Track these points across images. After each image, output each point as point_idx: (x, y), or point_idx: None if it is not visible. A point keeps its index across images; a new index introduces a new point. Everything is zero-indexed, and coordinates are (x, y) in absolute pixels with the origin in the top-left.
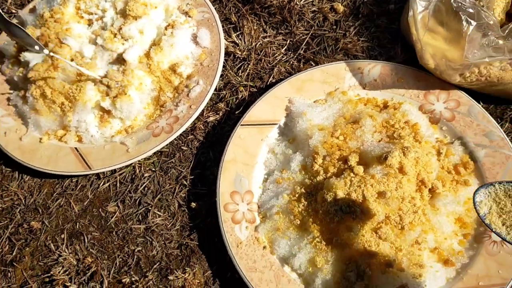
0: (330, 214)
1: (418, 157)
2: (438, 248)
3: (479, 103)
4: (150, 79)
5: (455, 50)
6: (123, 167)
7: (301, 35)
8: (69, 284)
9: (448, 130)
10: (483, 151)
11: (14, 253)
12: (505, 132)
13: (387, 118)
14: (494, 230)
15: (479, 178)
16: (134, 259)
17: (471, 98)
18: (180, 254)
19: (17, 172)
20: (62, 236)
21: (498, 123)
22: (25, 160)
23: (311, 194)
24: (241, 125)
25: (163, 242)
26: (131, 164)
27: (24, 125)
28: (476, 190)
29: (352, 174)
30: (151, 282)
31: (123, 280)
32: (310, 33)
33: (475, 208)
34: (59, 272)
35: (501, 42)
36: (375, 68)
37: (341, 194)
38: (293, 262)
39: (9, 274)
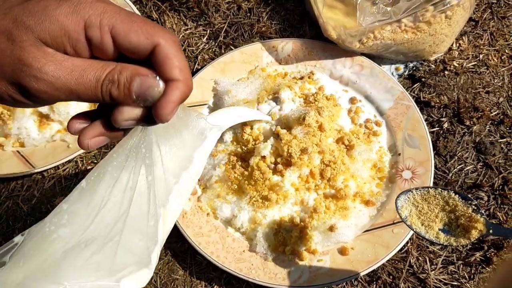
0: (262, 174)
1: (332, 115)
2: (359, 192)
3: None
4: None
5: (351, 20)
6: (65, 162)
7: (219, 24)
8: None
9: (356, 91)
10: (387, 104)
11: None
12: (403, 86)
13: (303, 86)
14: (415, 230)
15: (388, 128)
16: None
17: (372, 61)
18: None
19: None
20: (14, 235)
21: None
22: None
23: (244, 161)
24: None
25: None
26: (73, 158)
27: None
28: (397, 197)
29: (277, 138)
30: None
31: None
32: (227, 22)
33: (398, 212)
34: None
35: (388, 8)
36: (287, 45)
37: (269, 155)
38: (236, 222)
39: None
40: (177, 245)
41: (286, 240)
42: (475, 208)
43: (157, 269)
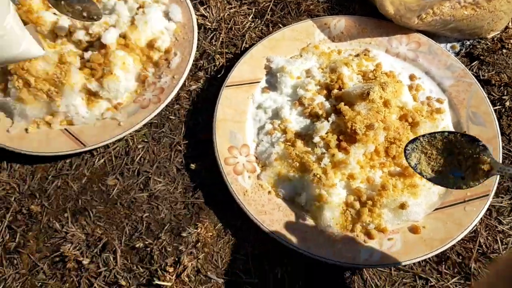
0: (326, 152)
1: (395, 91)
2: None
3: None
4: (131, 58)
5: None
6: (116, 141)
7: (264, 3)
8: (81, 258)
9: (415, 68)
10: (448, 82)
11: (16, 240)
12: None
13: (360, 63)
14: (425, 177)
15: (450, 105)
16: (144, 225)
17: (429, 38)
18: (188, 212)
19: (5, 162)
20: (66, 215)
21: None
22: (15, 147)
23: (303, 138)
24: (226, 86)
25: (169, 205)
26: (124, 137)
27: (9, 117)
28: (405, 147)
29: (338, 115)
30: (165, 242)
31: (137, 245)
32: (272, 0)
33: (407, 161)
34: (69, 249)
35: None
36: (340, 22)
37: (331, 132)
38: (300, 200)
39: (14, 261)
40: (238, 223)
41: (354, 219)
42: (482, 148)
43: (217, 248)
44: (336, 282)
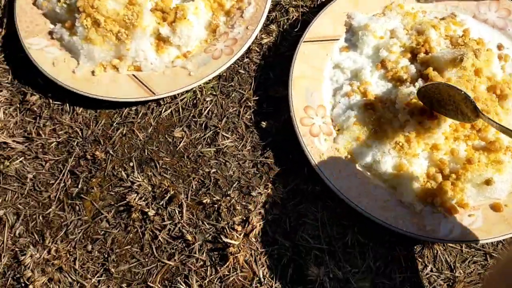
0: (410, 118)
1: (487, 59)
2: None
3: None
4: (203, 3)
5: None
6: (184, 92)
7: None
8: (147, 209)
9: (503, 38)
10: None
11: (79, 186)
12: None
13: (447, 27)
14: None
15: None
16: (211, 180)
17: None
18: (257, 172)
19: (67, 105)
20: (131, 164)
21: None
22: (82, 90)
23: (385, 102)
24: (304, 41)
25: (237, 162)
26: (192, 88)
27: (74, 58)
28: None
29: (425, 80)
30: (233, 200)
31: (204, 201)
32: None
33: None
34: (134, 199)
35: None
36: None
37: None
38: (378, 168)
39: (77, 207)
40: (309, 187)
41: (435, 191)
42: (464, 95)
43: (287, 211)
44: (406, 253)
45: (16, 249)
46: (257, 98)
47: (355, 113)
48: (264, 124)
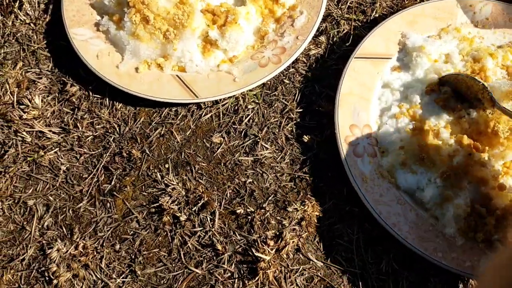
0: (461, 149)
1: None
2: None
3: None
4: (254, 8)
5: None
6: (226, 97)
7: None
8: (179, 214)
9: None
10: None
11: (112, 183)
12: None
13: (505, 56)
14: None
15: None
16: (247, 191)
17: None
18: (295, 186)
19: (107, 99)
20: (166, 165)
21: None
22: (124, 86)
23: (434, 129)
24: (355, 57)
25: (274, 175)
26: (236, 94)
27: (119, 53)
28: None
29: (482, 112)
30: (268, 213)
31: (237, 211)
32: None
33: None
34: (167, 202)
35: None
36: (486, 7)
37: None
38: (422, 196)
39: (108, 204)
40: (347, 207)
41: (478, 226)
42: (482, 86)
43: (322, 230)
44: (441, 286)
45: (44, 241)
46: (300, 110)
47: (402, 137)
48: (306, 138)
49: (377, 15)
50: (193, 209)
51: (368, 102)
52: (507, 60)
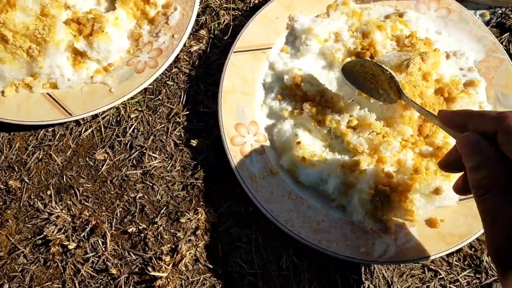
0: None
1: (434, 62)
2: None
3: None
4: (124, 12)
5: None
6: (106, 110)
7: None
8: (67, 242)
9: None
10: (478, 56)
11: None
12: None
13: (394, 26)
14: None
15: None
16: (137, 207)
17: (460, 5)
18: (187, 195)
19: None
20: (48, 192)
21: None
22: None
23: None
24: (234, 52)
25: (165, 185)
26: (115, 105)
27: None
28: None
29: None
30: (161, 227)
31: (129, 230)
32: None
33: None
34: (53, 232)
35: None
36: None
37: None
38: (326, 187)
39: None
40: (242, 209)
41: (383, 206)
42: (390, 75)
43: (218, 236)
44: (343, 272)
45: None
46: (187, 112)
47: (299, 132)
48: (194, 142)
49: (256, 1)
50: (81, 235)
51: (252, 97)
52: (396, 30)
